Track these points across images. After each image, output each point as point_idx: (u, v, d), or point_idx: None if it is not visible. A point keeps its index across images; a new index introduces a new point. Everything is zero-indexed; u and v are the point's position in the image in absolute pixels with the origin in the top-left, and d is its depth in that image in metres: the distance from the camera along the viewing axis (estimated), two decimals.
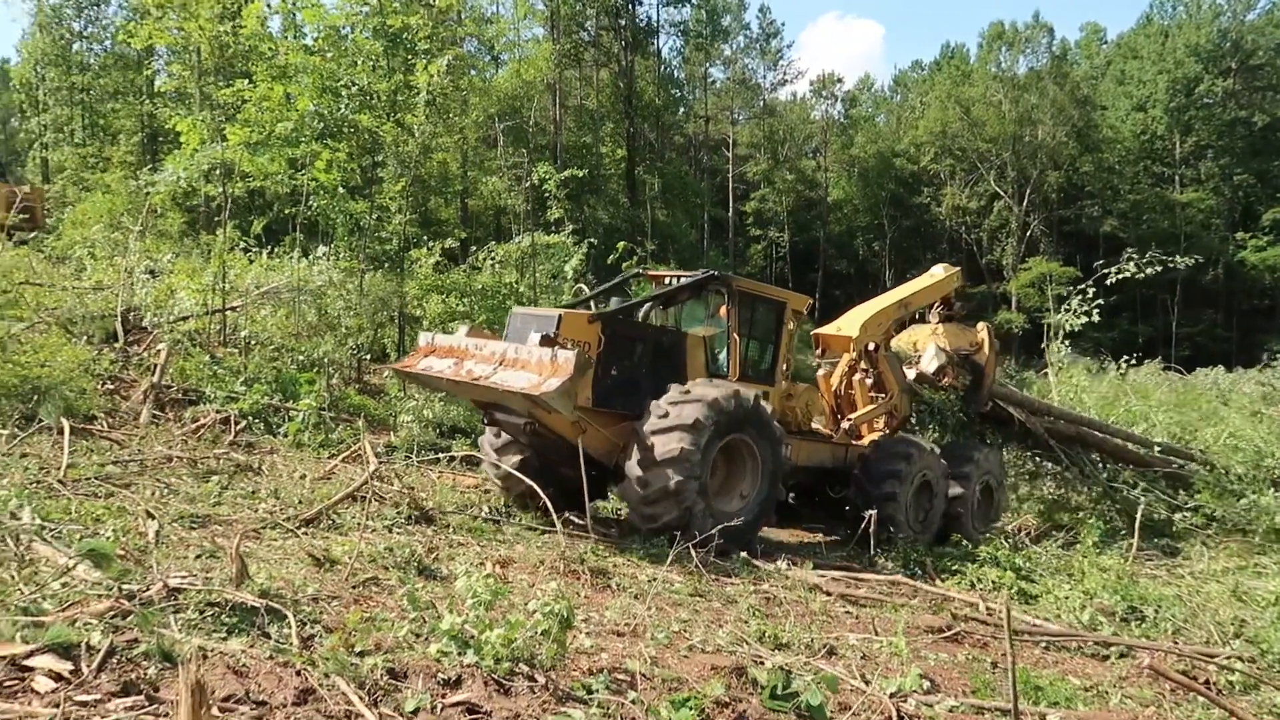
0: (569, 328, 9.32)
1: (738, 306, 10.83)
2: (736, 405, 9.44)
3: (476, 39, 35.06)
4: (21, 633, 4.40)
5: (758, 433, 9.83)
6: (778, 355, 11.46)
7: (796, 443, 11.44)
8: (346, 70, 17.50)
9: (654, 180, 48.44)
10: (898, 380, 13.42)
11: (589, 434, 9.34)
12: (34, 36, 37.09)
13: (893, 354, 13.74)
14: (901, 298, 14.30)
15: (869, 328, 13.19)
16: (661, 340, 10.55)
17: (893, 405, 13.45)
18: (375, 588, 6.42)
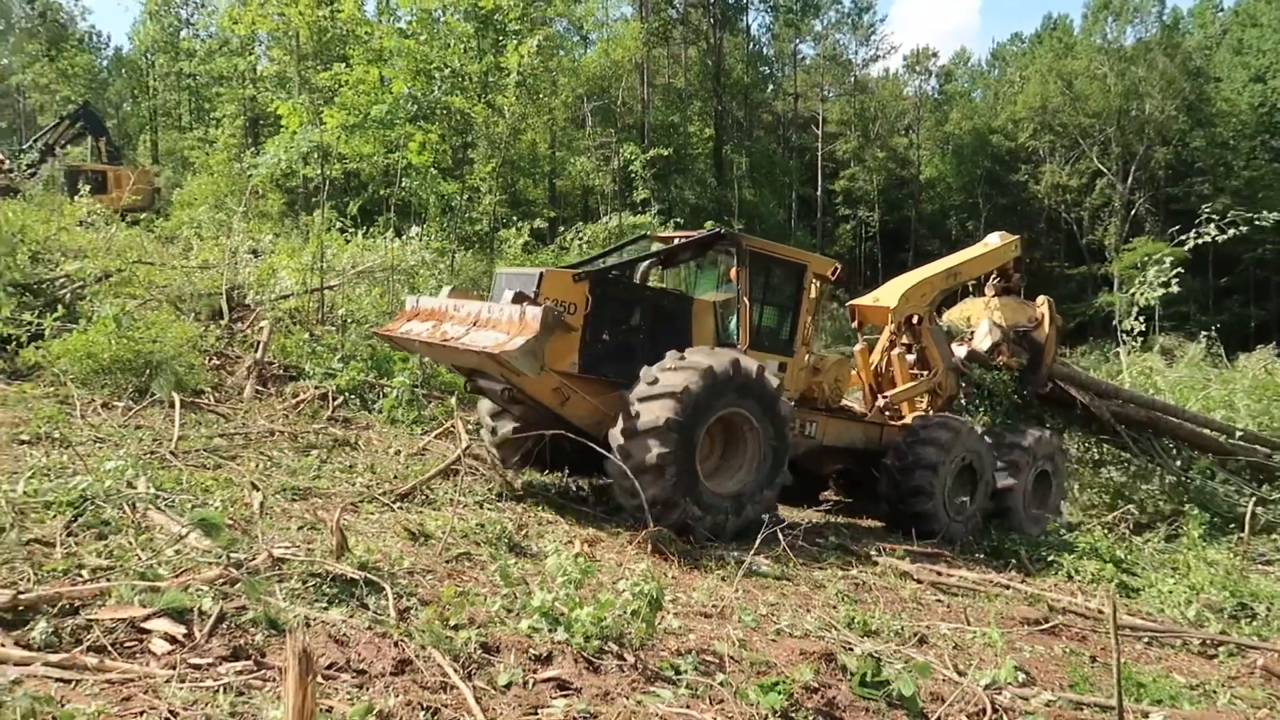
0: (551, 286, 8.62)
1: (749, 268, 9.89)
2: (734, 375, 8.57)
3: (566, 19, 35.18)
4: (140, 596, 4.62)
5: (760, 406, 8.90)
6: (797, 323, 10.45)
7: (823, 420, 10.90)
8: (439, 53, 17.78)
9: (741, 159, 48.00)
10: (943, 356, 12.49)
11: (573, 402, 8.69)
12: (144, 24, 38.69)
13: (938, 327, 12.83)
14: (949, 266, 13.28)
15: (910, 298, 12.23)
16: (662, 304, 9.73)
17: (936, 383, 12.49)
18: (468, 562, 6.56)
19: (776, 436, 9.07)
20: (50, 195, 21.20)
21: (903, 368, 12.52)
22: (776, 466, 9.12)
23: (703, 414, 8.40)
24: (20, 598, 4.35)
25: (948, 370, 12.49)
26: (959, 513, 11.16)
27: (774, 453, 9.08)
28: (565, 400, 8.62)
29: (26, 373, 10.35)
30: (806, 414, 10.73)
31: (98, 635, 4.24)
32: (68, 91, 45.12)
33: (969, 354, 12.99)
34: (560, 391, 8.62)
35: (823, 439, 10.84)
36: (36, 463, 6.97)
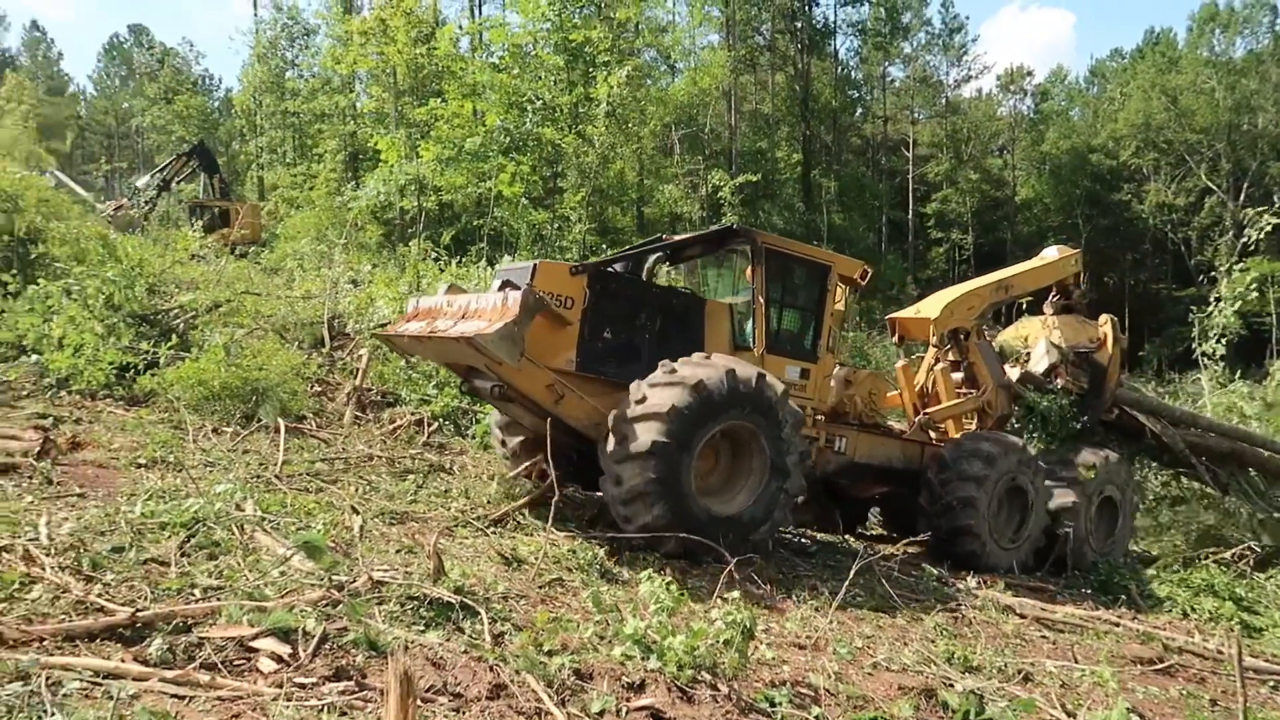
0: (545, 279, 8.26)
1: (765, 267, 9.32)
2: (731, 386, 7.89)
3: (654, 49, 35.59)
4: (248, 616, 4.78)
5: (764, 417, 8.18)
6: (821, 327, 9.82)
7: (854, 435, 10.32)
8: (530, 85, 18.18)
9: (830, 183, 47.63)
10: (992, 373, 11.74)
11: (568, 400, 8.24)
12: (253, 67, 40.57)
13: (987, 343, 12.15)
14: (999, 279, 12.50)
15: (955, 310, 11.62)
16: (672, 303, 9.24)
17: (984, 401, 11.69)
18: (560, 588, 6.60)
19: (785, 448, 8.35)
20: (165, 230, 22.32)
21: (947, 384, 11.87)
22: (784, 479, 8.36)
23: (695, 433, 7.79)
24: (138, 615, 4.54)
25: (998, 388, 11.75)
26: (1006, 537, 10.45)
27: (783, 465, 8.35)
28: (560, 399, 8.19)
29: (143, 399, 10.87)
30: (836, 428, 10.23)
31: (209, 653, 4.39)
32: (183, 132, 47.60)
33: (1023, 376, 12.25)
34: (554, 389, 8.18)
35: (854, 456, 10.27)
36: (153, 485, 7.29)
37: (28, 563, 5.04)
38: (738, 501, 8.29)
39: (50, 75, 63.32)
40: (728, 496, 8.32)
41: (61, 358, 10.68)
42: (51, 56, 66.86)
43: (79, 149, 63.76)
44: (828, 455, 10.01)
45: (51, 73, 64.51)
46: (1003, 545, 10.31)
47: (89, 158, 63.40)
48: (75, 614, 4.57)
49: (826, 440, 10.01)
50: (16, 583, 4.74)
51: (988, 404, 11.68)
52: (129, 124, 60.09)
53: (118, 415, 10.21)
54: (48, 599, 4.66)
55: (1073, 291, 13.34)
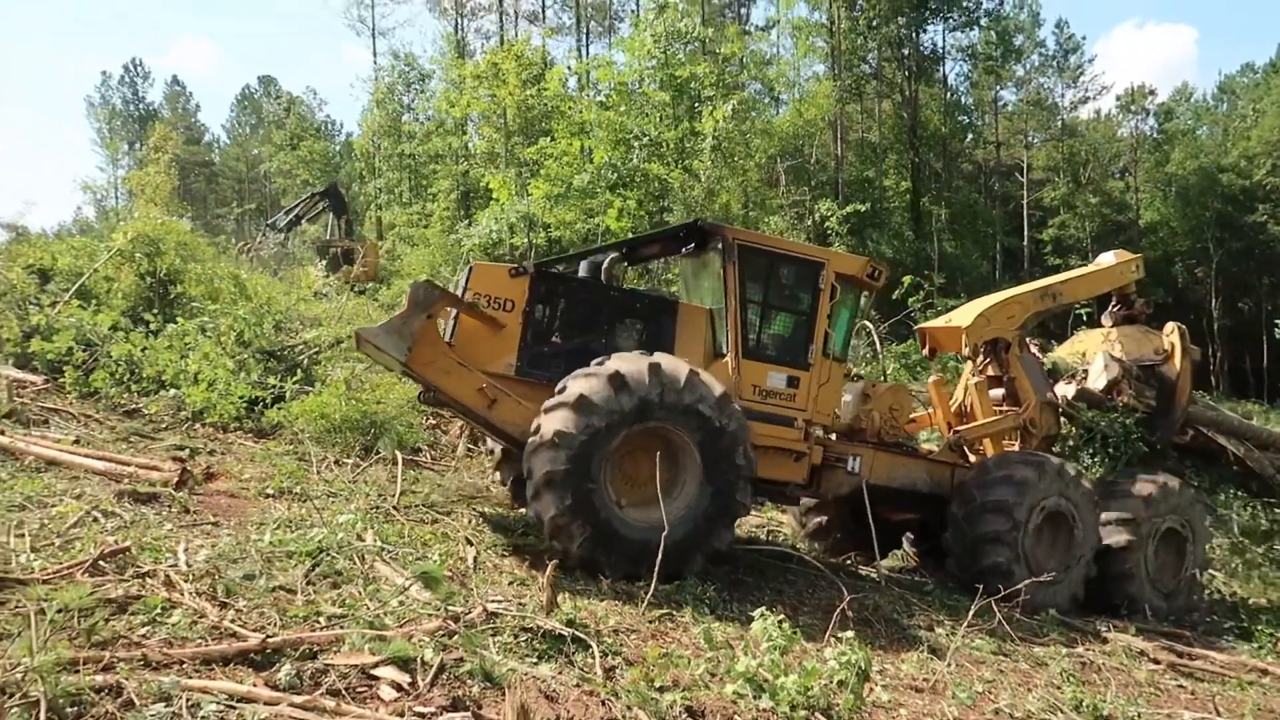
0: (481, 281, 8.08)
1: (739, 266, 8.64)
2: (654, 381, 7.29)
3: (759, 82, 35.71)
4: (369, 644, 4.93)
5: (697, 421, 7.45)
6: (813, 331, 8.95)
7: (869, 454, 9.51)
8: (637, 122, 18.46)
9: (941, 211, 46.63)
10: (1035, 388, 10.71)
11: (502, 405, 7.85)
12: (372, 112, 42.45)
13: (1031, 355, 11.13)
14: (1045, 285, 11.48)
15: (992, 319, 10.69)
16: (634, 306, 8.79)
17: (1027, 419, 10.62)
18: (670, 623, 6.58)
19: (722, 457, 7.55)
20: (291, 269, 23.42)
21: (983, 400, 10.96)
22: (721, 493, 7.58)
23: (610, 430, 7.21)
24: (268, 641, 4.74)
25: (1042, 405, 10.68)
26: (1047, 570, 9.26)
27: (716, 478, 7.56)
28: (492, 403, 7.84)
29: (271, 431, 11.38)
30: (849, 446, 9.53)
31: (334, 679, 4.54)
32: (306, 175, 50.02)
33: (1079, 393, 11.17)
34: (485, 393, 7.84)
35: (868, 476, 9.42)
36: (280, 515, 7.62)
37: (168, 588, 5.32)
38: (656, 516, 7.27)
39: (189, 125, 67.61)
40: (646, 508, 7.48)
41: (197, 392, 11.28)
42: (190, 108, 71.44)
43: (213, 193, 67.74)
44: (839, 475, 9.28)
45: (190, 123, 68.87)
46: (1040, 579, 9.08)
47: (222, 201, 67.26)
48: (211, 639, 4.80)
49: (836, 458, 9.30)
50: (159, 607, 5.01)
51: (1030, 422, 10.64)
52: (258, 169, 63.54)
53: (247, 447, 10.71)
54: (186, 623, 4.90)
55: (1135, 300, 12.24)
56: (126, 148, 64.20)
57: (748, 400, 8.51)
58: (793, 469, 8.88)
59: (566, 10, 49.87)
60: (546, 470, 7.08)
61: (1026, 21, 59.41)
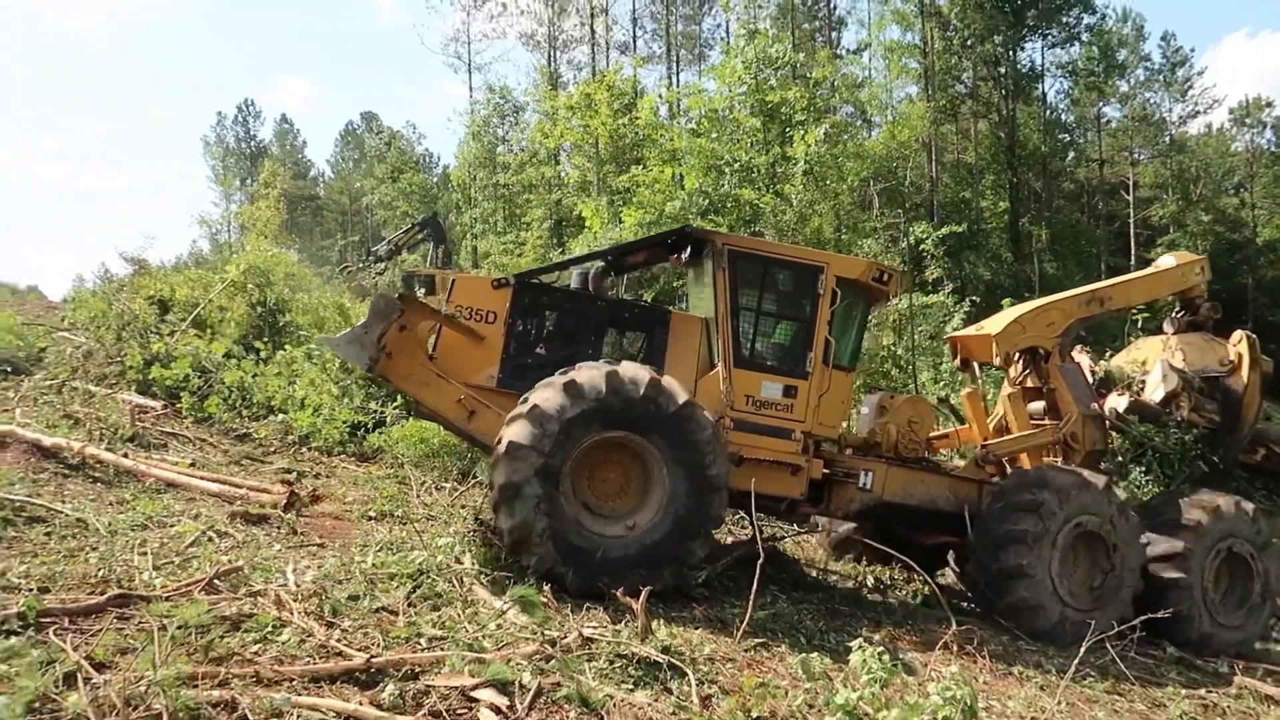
0: (464, 293, 8.09)
1: (729, 272, 8.34)
2: (613, 389, 7.02)
3: (851, 105, 35.45)
4: (469, 666, 5.01)
5: (661, 431, 7.17)
6: (812, 338, 8.48)
7: (881, 469, 8.93)
8: (728, 148, 18.50)
9: (1041, 231, 45.30)
10: (1077, 400, 9.89)
11: (480, 416, 7.78)
12: (468, 144, 43.58)
13: (1074, 366, 10.37)
14: (1091, 290, 10.62)
15: (1027, 325, 9.97)
16: (624, 317, 8.73)
17: (1067, 433, 9.81)
18: (766, 652, 6.50)
19: (691, 466, 7.21)
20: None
21: (1018, 413, 10.22)
22: (691, 508, 7.22)
23: (567, 441, 7.00)
24: (372, 661, 4.86)
25: (1084, 419, 9.81)
26: (1082, 601, 8.52)
27: (690, 488, 7.22)
28: (471, 414, 7.80)
29: (372, 455, 11.71)
30: (861, 460, 9.08)
31: (435, 700, 4.63)
32: (406, 207, 51.57)
33: (1133, 405, 10.33)
34: (464, 404, 7.80)
35: (882, 493, 8.89)
36: (382, 537, 7.82)
37: (278, 607, 5.50)
38: (624, 527, 7.31)
39: (296, 161, 70.56)
40: (623, 522, 7.34)
41: (303, 417, 11.70)
42: (297, 144, 74.60)
43: (318, 226, 70.43)
44: (850, 491, 8.82)
45: (297, 159, 71.89)
46: (1077, 606, 8.43)
47: (326, 233, 69.89)
48: (319, 657, 4.95)
49: (846, 473, 8.89)
50: (270, 625, 5.19)
51: (1072, 437, 9.81)
52: (360, 202, 65.85)
53: (350, 470, 11.04)
54: (295, 642, 5.06)
55: (1199, 306, 11.21)
56: (239, 183, 67.32)
57: (740, 411, 8.27)
58: (789, 483, 8.48)
59: (657, 40, 50.47)
60: (503, 483, 6.93)
61: (1130, 35, 57.58)
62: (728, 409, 8.17)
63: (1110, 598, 8.56)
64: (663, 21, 49.94)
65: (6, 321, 14.51)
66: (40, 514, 7.05)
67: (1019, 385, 10.57)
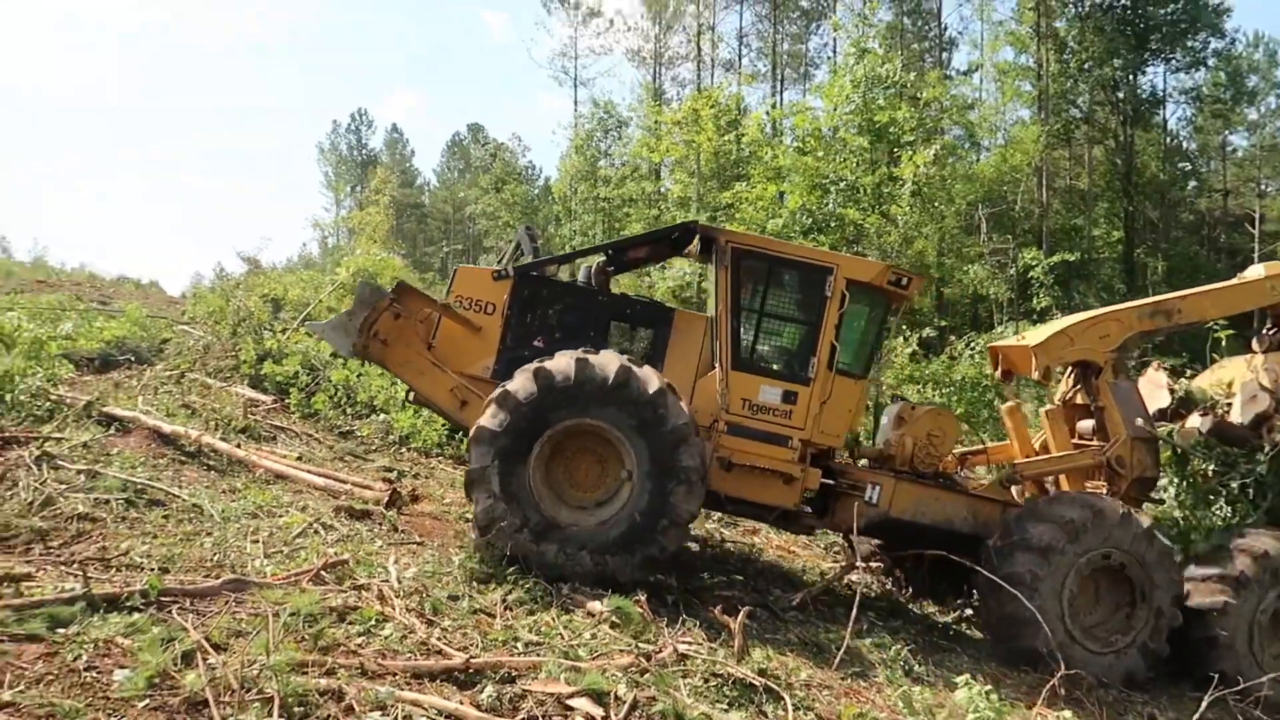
0: (465, 284, 8.16)
1: (732, 270, 8.08)
2: (580, 378, 6.98)
3: (960, 126, 34.71)
4: (565, 674, 5.00)
5: (629, 421, 7.05)
6: (816, 342, 8.04)
7: (889, 484, 8.35)
8: (834, 167, 18.28)
9: (1158, 263, 43.43)
10: (1126, 421, 8.96)
11: (472, 406, 7.73)
12: (570, 157, 44.20)
13: (1128, 384, 9.41)
14: (1156, 302, 9.69)
15: (1076, 337, 9.10)
16: (624, 311, 8.56)
17: (1112, 457, 8.92)
18: (863, 681, 6.33)
19: (658, 460, 7.06)
20: None
21: (1056, 431, 9.49)
22: (661, 500, 7.07)
23: (535, 426, 7.03)
24: (471, 662, 4.90)
25: (1133, 442, 8.90)
26: (1101, 642, 7.78)
27: (656, 482, 7.07)
28: (463, 404, 7.82)
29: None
30: (868, 474, 8.58)
31: (531, 705, 4.64)
32: (508, 218, 52.52)
33: (1215, 427, 9.30)
34: (456, 393, 7.91)
35: (889, 509, 8.31)
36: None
37: (381, 602, 5.61)
38: (596, 516, 7.21)
39: (404, 170, 72.61)
40: (593, 511, 7.27)
41: (404, 418, 11.95)
42: (406, 153, 76.77)
43: (422, 233, 72.27)
44: (856, 505, 8.22)
45: (405, 167, 73.97)
46: (1090, 646, 7.72)
47: (430, 240, 71.66)
48: (420, 654, 5.01)
49: (851, 485, 8.40)
50: (373, 619, 5.29)
51: (1117, 461, 8.90)
52: (463, 211, 67.33)
53: (448, 472, 11.22)
54: (397, 637, 5.15)
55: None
56: (349, 190, 69.64)
57: (736, 415, 8.00)
58: (781, 492, 8.08)
59: (762, 58, 50.37)
60: (472, 467, 7.05)
61: (1262, 61, 54.86)
62: (722, 412, 7.96)
63: (1136, 635, 7.85)
64: (769, 40, 49.81)
65: (134, 314, 15.26)
66: (159, 497, 7.35)
67: (1068, 401, 9.77)
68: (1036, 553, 7.71)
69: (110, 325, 14.20)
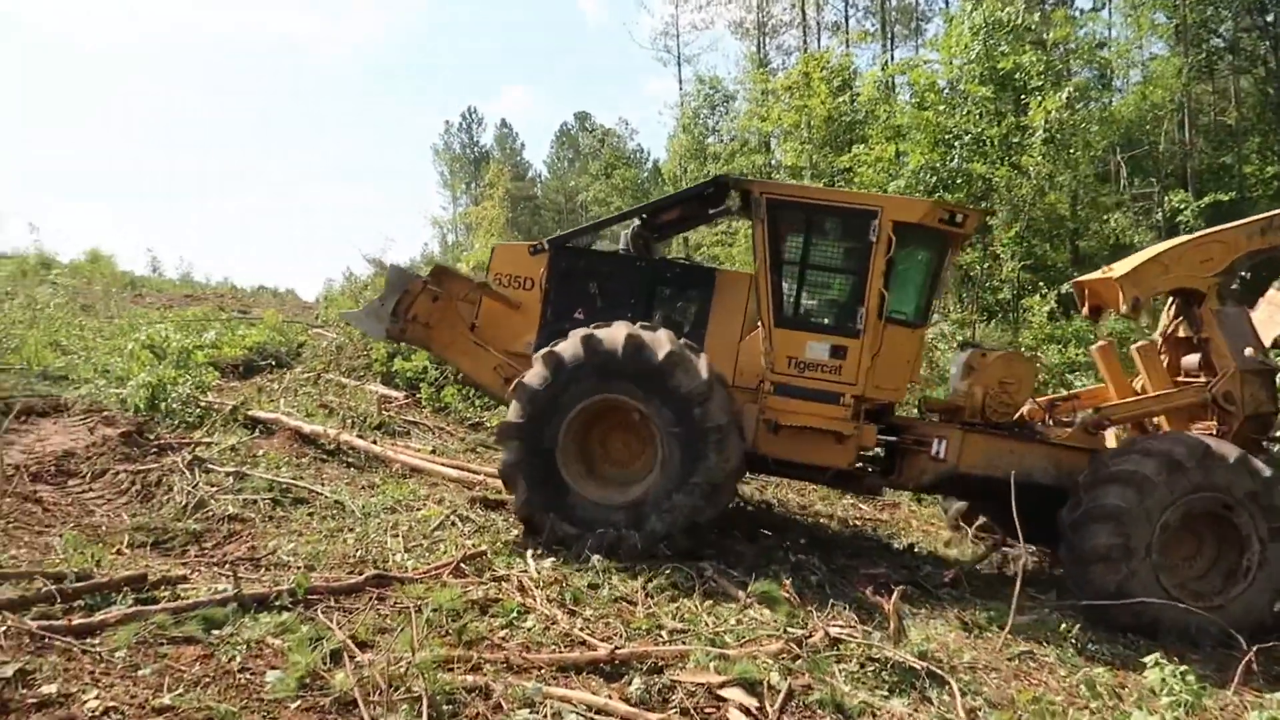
0: (503, 261, 8.16)
1: (767, 223, 7.59)
2: (591, 351, 6.85)
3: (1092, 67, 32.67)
4: (713, 663, 4.79)
5: (650, 392, 6.84)
6: (864, 292, 7.50)
7: (957, 437, 7.74)
8: (957, 122, 17.41)
9: None
10: (1233, 353, 7.92)
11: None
12: (678, 136, 43.84)
13: (1237, 311, 8.23)
14: (1269, 216, 8.38)
15: (1170, 264, 8.10)
16: (665, 276, 8.21)
17: (1219, 393, 7.89)
18: (1032, 662, 5.91)
19: (682, 424, 6.81)
20: None
21: (1152, 368, 8.48)
22: (692, 464, 6.80)
23: (557, 407, 6.92)
24: (616, 653, 4.74)
25: (1242, 375, 7.90)
26: (1199, 595, 7.05)
27: (684, 447, 6.82)
28: (508, 381, 7.58)
29: None
30: (934, 427, 8.01)
31: (682, 697, 4.45)
32: (620, 203, 52.64)
33: None
34: (500, 371, 7.85)
35: (958, 463, 7.72)
36: None
37: (522, 593, 5.53)
38: (638, 489, 7.01)
39: (515, 163, 73.70)
40: (614, 487, 7.14)
41: None
42: (516, 147, 77.90)
43: (536, 225, 73.34)
44: (921, 461, 7.79)
45: (516, 161, 75.09)
46: (1188, 603, 6.90)
47: (544, 232, 72.67)
48: (564, 645, 4.89)
49: (916, 440, 7.87)
50: (515, 611, 5.20)
51: (1225, 397, 7.92)
52: (575, 200, 67.90)
53: None
54: (540, 629, 5.05)
55: None
56: (465, 187, 71.19)
57: (782, 374, 7.59)
58: (834, 453, 7.65)
59: (870, 17, 48.66)
60: (504, 423, 7.10)
61: None
62: (768, 372, 7.61)
63: (1241, 590, 7.07)
64: None
65: (271, 320, 15.86)
66: (303, 496, 7.51)
67: (1169, 336, 8.79)
68: (1128, 486, 7.03)
69: (251, 332, 14.81)
